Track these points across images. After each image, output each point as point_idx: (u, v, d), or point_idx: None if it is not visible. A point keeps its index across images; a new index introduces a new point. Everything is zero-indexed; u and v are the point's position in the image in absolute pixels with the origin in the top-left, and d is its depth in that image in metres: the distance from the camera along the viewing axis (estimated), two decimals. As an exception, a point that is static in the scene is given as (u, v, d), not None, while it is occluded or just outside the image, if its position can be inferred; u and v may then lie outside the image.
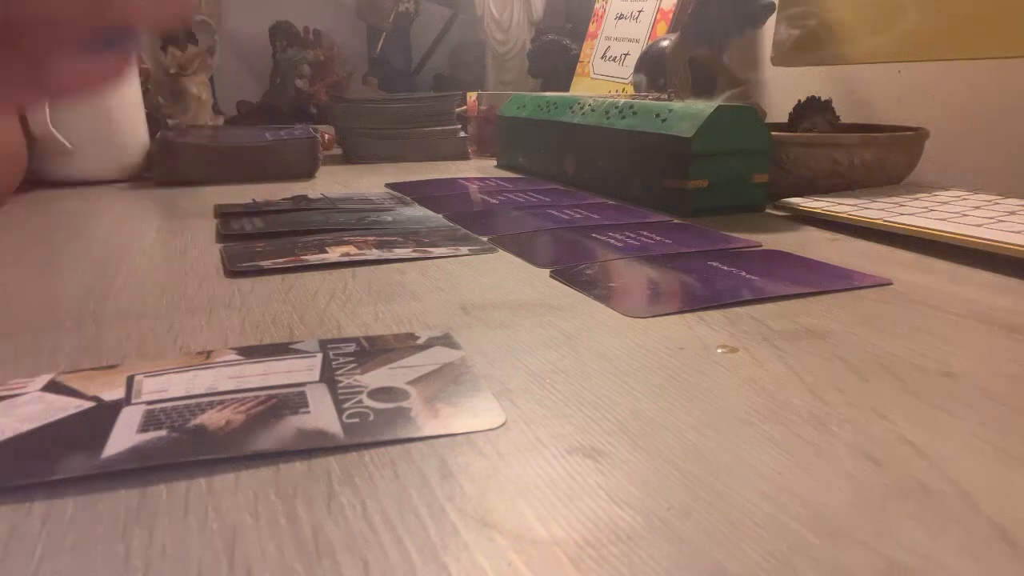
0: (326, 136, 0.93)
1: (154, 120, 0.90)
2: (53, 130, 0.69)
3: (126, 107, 0.76)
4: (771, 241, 0.46)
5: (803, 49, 0.73)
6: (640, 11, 1.02)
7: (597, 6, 1.11)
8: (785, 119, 0.68)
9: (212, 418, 0.23)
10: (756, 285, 0.36)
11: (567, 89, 1.12)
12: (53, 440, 0.22)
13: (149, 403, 0.24)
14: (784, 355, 0.28)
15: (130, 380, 0.26)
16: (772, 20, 0.72)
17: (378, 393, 0.25)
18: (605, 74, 1.05)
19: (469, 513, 0.18)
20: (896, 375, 0.26)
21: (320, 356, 0.28)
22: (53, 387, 0.26)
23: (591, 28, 1.11)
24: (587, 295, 0.35)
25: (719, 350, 0.28)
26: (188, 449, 0.21)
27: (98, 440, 0.22)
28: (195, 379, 0.26)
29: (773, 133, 0.57)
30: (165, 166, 0.73)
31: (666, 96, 0.68)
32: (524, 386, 0.25)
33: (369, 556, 0.16)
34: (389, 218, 0.52)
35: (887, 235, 0.46)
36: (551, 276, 0.39)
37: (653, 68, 0.76)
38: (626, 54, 1.02)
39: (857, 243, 0.46)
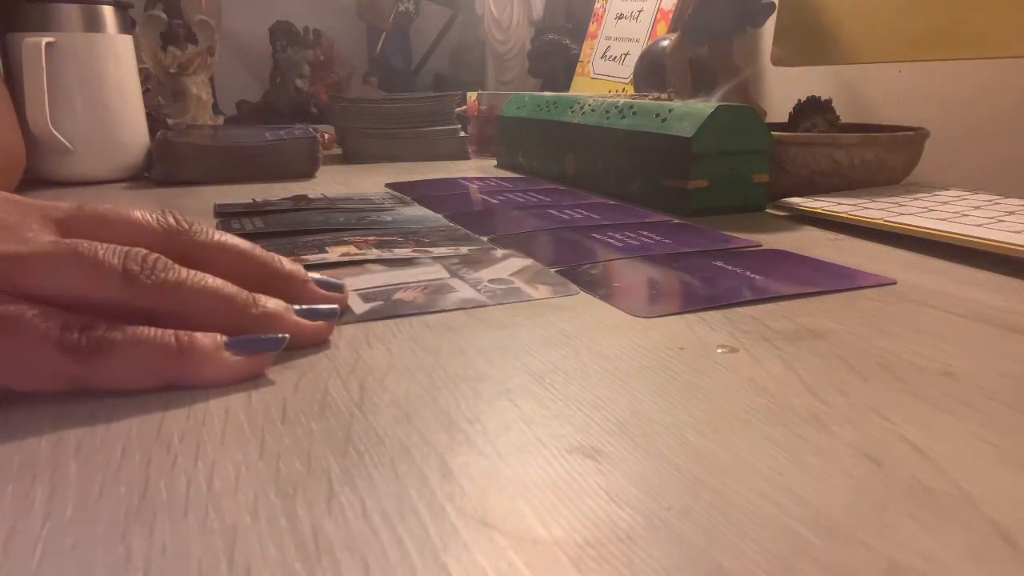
0: (326, 136, 0.93)
1: (154, 120, 0.90)
2: (53, 130, 0.69)
3: (126, 107, 0.76)
4: (771, 241, 0.46)
5: (803, 49, 0.73)
6: (640, 11, 1.02)
7: (597, 6, 1.11)
8: (785, 119, 0.68)
9: (403, 295, 0.35)
10: (760, 285, 0.36)
11: (567, 89, 1.12)
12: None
13: (356, 290, 0.35)
14: (784, 355, 0.28)
15: None
16: (772, 20, 0.72)
17: (494, 280, 0.37)
18: (605, 74, 1.05)
19: (469, 513, 0.18)
20: (896, 375, 0.26)
21: (439, 264, 0.39)
22: None
23: (591, 28, 1.11)
24: (587, 295, 0.35)
25: (719, 350, 0.28)
26: (402, 311, 0.33)
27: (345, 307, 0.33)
28: (371, 278, 0.37)
29: (773, 133, 0.57)
30: (165, 166, 0.73)
31: (666, 96, 0.68)
32: (524, 386, 0.25)
33: (369, 556, 0.16)
34: (389, 218, 0.52)
35: (887, 235, 0.46)
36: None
37: (653, 68, 0.76)
38: (626, 54, 1.02)
39: (857, 243, 0.46)
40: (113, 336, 0.24)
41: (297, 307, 0.29)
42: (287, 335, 0.27)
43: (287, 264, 0.31)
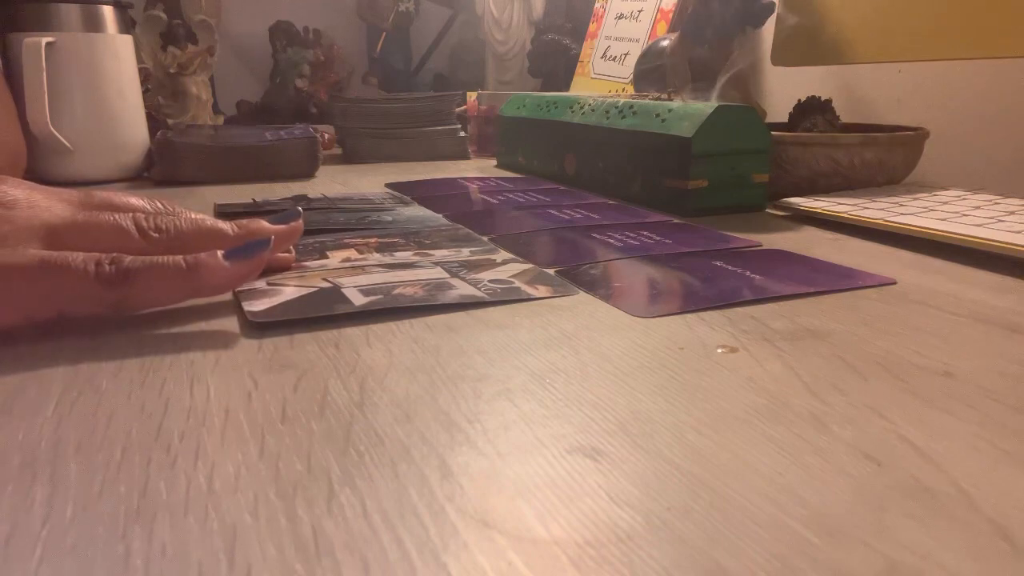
0: (326, 136, 0.93)
1: (154, 120, 0.90)
2: (53, 130, 0.69)
3: (126, 107, 0.76)
4: (771, 241, 0.46)
5: (803, 49, 0.73)
6: (640, 11, 1.02)
7: (597, 6, 1.11)
8: (785, 119, 0.68)
9: (403, 290, 0.35)
10: (759, 285, 0.36)
11: (567, 89, 1.12)
12: (316, 300, 0.33)
13: (355, 286, 0.35)
14: (784, 355, 0.28)
15: (326, 279, 0.36)
16: (772, 20, 0.72)
17: (494, 281, 0.37)
18: (605, 74, 1.05)
19: (469, 513, 0.18)
20: (896, 375, 0.26)
21: (439, 267, 0.39)
22: (273, 284, 0.36)
23: (591, 28, 1.11)
24: (587, 295, 0.35)
25: (719, 350, 0.28)
26: (401, 303, 0.33)
27: (344, 300, 0.33)
28: (370, 277, 0.37)
29: (773, 133, 0.57)
30: (165, 166, 0.73)
31: (666, 96, 0.68)
32: (524, 386, 0.25)
33: (369, 556, 0.16)
34: (389, 218, 0.52)
35: (887, 235, 0.46)
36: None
37: (653, 68, 0.76)
38: (626, 54, 1.02)
39: (857, 243, 0.46)
40: (136, 265, 0.30)
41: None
42: (272, 237, 0.34)
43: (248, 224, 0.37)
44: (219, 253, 0.32)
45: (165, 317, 0.33)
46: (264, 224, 0.36)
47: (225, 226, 0.35)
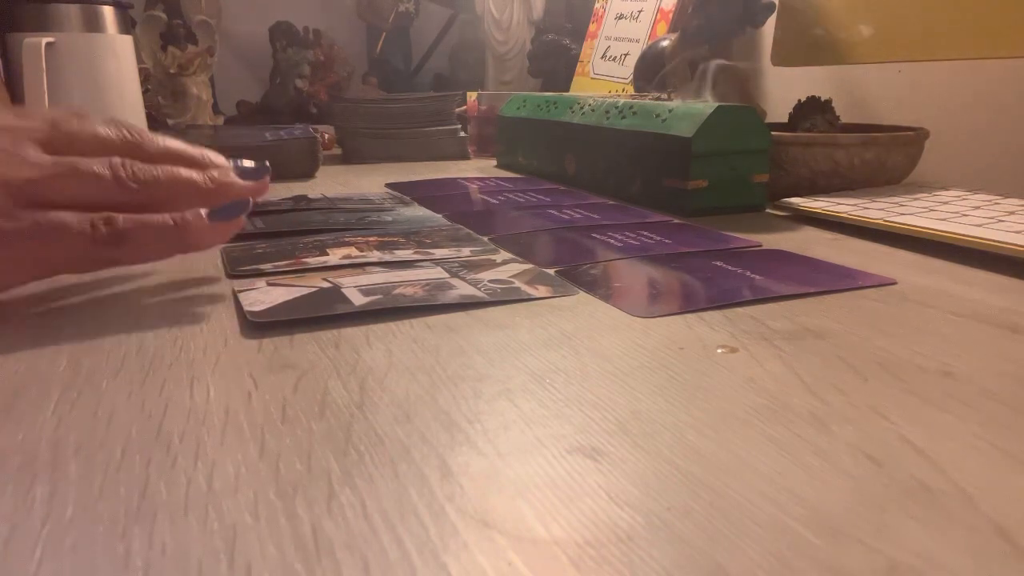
0: (326, 136, 0.93)
1: (154, 120, 0.90)
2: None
3: (126, 107, 0.76)
4: (771, 241, 0.46)
5: (803, 49, 0.73)
6: (640, 11, 1.02)
7: (597, 6, 1.11)
8: (785, 119, 0.68)
9: (403, 290, 0.35)
10: (760, 285, 0.36)
11: (567, 89, 1.12)
12: (316, 300, 0.33)
13: (355, 286, 0.35)
14: (784, 355, 0.28)
15: (326, 279, 0.36)
16: (772, 20, 0.72)
17: (494, 281, 0.37)
18: (605, 74, 1.05)
19: (469, 513, 0.18)
20: (896, 375, 0.26)
21: (439, 267, 0.39)
22: (273, 285, 0.36)
23: (591, 28, 1.11)
24: (587, 295, 0.35)
25: (719, 350, 0.28)
26: (401, 303, 0.33)
27: (344, 300, 0.33)
28: (370, 277, 0.37)
29: (773, 133, 0.57)
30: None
31: (666, 96, 0.68)
32: (524, 386, 0.25)
33: (369, 556, 0.16)
34: (389, 218, 0.52)
35: (887, 235, 0.46)
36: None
37: (653, 68, 0.76)
38: (626, 54, 1.02)
39: (857, 243, 0.46)
40: (127, 225, 0.31)
41: (237, 166, 0.38)
42: (250, 199, 0.36)
43: (213, 158, 0.37)
44: (203, 213, 0.33)
45: (165, 317, 0.33)
46: (234, 178, 0.37)
47: (199, 177, 0.35)
